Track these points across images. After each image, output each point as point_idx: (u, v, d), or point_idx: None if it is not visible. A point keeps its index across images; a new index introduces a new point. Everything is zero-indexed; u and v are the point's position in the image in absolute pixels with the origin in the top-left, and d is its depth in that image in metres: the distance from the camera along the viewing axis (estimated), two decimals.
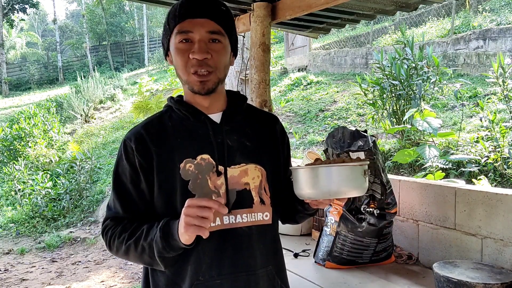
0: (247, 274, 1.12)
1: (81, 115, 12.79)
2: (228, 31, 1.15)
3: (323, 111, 8.01)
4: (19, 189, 7.59)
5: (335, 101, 8.31)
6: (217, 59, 1.11)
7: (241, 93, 1.28)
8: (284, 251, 1.30)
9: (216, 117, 1.17)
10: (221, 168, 1.12)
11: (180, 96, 1.22)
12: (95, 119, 13.03)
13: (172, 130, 1.15)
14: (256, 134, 1.21)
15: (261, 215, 1.16)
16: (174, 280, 1.12)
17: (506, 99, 4.07)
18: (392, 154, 4.90)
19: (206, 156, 1.11)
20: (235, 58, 1.22)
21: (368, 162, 1.06)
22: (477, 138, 4.40)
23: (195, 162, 1.11)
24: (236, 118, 1.20)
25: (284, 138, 1.29)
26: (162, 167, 1.11)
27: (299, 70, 11.76)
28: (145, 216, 1.13)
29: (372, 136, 2.03)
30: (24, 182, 7.74)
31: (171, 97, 1.21)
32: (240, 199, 1.13)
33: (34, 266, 5.28)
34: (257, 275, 1.14)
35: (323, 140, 6.48)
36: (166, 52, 1.19)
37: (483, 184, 3.22)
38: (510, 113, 4.13)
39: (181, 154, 1.11)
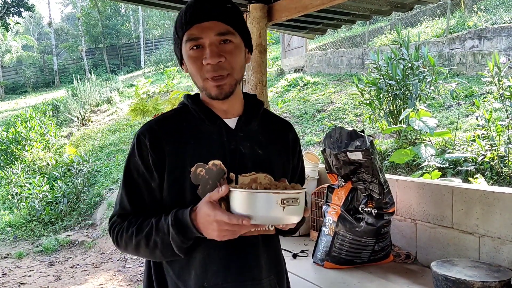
0: (252, 284, 1.12)
1: (78, 118, 12.76)
2: (239, 28, 1.11)
3: (320, 111, 8.02)
4: (16, 193, 7.57)
5: (332, 101, 8.33)
6: (232, 61, 1.08)
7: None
8: (283, 252, 1.30)
9: (231, 122, 1.16)
10: (232, 175, 1.10)
11: (197, 95, 1.20)
12: (91, 122, 13.00)
13: (186, 131, 1.13)
14: (268, 142, 1.20)
15: (266, 225, 1.16)
16: (179, 285, 1.11)
17: (502, 98, 4.09)
18: (389, 154, 4.92)
19: (218, 162, 1.09)
20: (251, 55, 1.19)
21: (299, 191, 0.98)
22: (473, 137, 4.42)
23: (206, 167, 1.08)
24: (251, 124, 1.18)
25: (296, 147, 1.27)
26: (173, 168, 1.09)
27: (295, 71, 11.78)
28: (153, 213, 1.11)
29: (369, 136, 2.04)
30: (21, 186, 7.72)
31: (188, 95, 1.19)
32: None
33: (32, 270, 5.26)
34: (262, 285, 1.14)
35: (321, 141, 6.49)
36: (181, 61, 1.16)
37: (480, 183, 3.24)
38: (506, 112, 4.14)
39: (193, 157, 1.09)
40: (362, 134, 2.04)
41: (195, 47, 1.08)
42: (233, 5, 1.13)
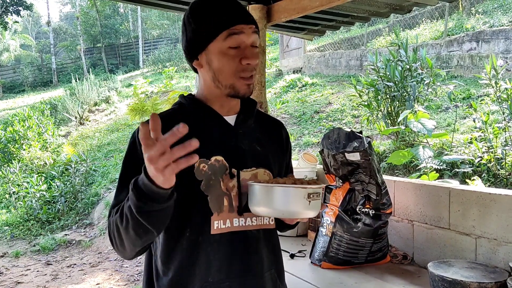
0: (255, 278, 1.14)
1: (76, 118, 12.74)
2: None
3: (318, 112, 8.04)
4: (14, 192, 7.55)
5: (330, 102, 8.34)
6: (257, 63, 1.15)
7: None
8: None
9: (230, 119, 1.19)
10: (233, 170, 1.13)
11: (191, 95, 1.22)
12: (89, 121, 12.98)
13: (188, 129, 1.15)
14: (265, 139, 1.24)
15: (267, 219, 1.18)
16: (182, 282, 1.11)
17: (499, 100, 4.10)
18: (387, 155, 4.93)
19: (220, 157, 1.12)
20: None
21: (322, 186, 1.04)
22: (470, 139, 4.44)
23: (209, 163, 1.11)
24: (248, 122, 1.22)
25: (288, 144, 1.32)
26: None
27: (294, 72, 11.79)
28: None
29: (367, 137, 2.04)
30: (18, 185, 7.70)
31: (183, 95, 1.21)
32: None
33: (29, 269, 5.25)
34: (264, 279, 1.16)
35: (319, 142, 6.49)
36: (196, 56, 1.15)
37: (476, 185, 3.25)
38: (503, 114, 4.16)
39: (195, 153, 1.10)
40: (360, 135, 2.05)
41: (235, 46, 1.10)
42: None
